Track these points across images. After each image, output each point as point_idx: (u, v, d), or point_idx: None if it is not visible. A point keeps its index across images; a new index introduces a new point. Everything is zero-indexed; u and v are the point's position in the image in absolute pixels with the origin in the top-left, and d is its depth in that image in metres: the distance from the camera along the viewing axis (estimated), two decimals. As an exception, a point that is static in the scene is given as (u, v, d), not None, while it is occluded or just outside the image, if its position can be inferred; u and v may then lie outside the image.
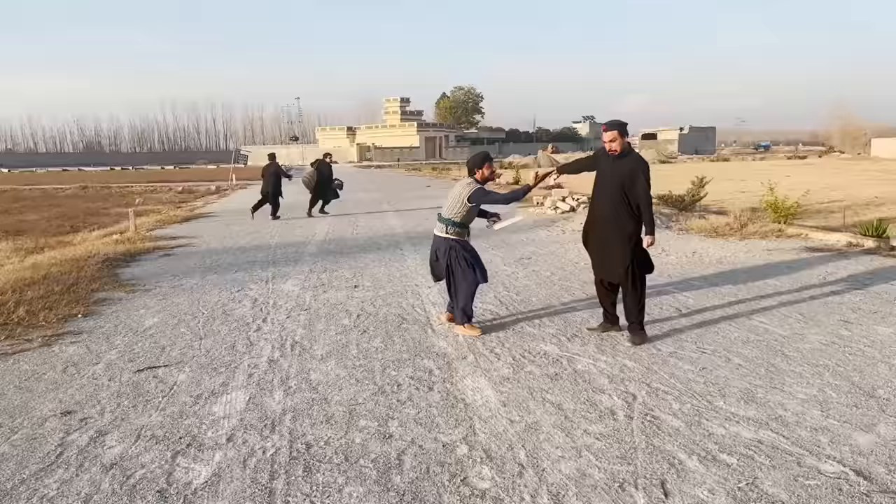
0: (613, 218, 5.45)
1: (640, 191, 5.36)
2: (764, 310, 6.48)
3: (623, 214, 5.41)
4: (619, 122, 5.48)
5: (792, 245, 10.38)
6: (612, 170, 5.51)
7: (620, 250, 5.44)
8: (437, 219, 6.13)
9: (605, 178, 5.57)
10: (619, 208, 5.42)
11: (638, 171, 5.37)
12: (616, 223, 5.44)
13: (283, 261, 10.31)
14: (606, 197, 5.52)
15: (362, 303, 7.29)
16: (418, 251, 10.85)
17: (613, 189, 5.45)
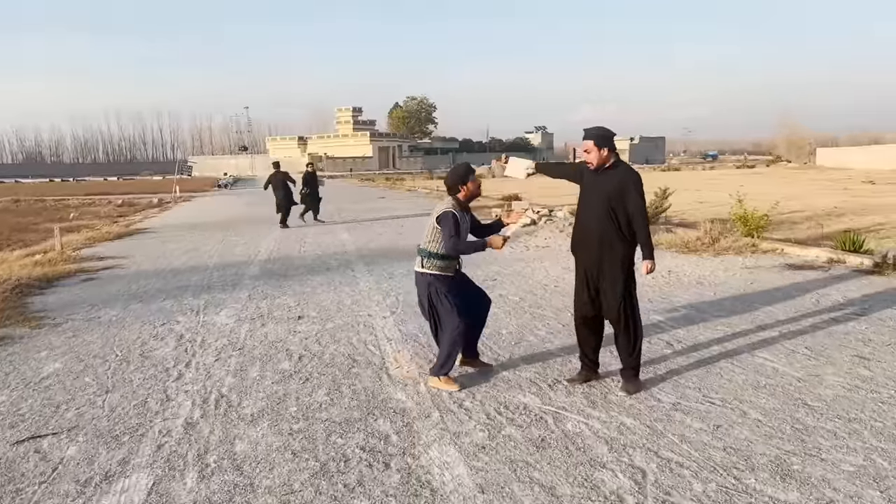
0: (600, 242, 4.59)
1: (632, 208, 4.52)
2: (764, 343, 5.72)
3: (613, 237, 4.55)
4: (596, 131, 4.62)
5: (770, 262, 9.75)
6: (595, 185, 4.66)
7: (613, 281, 4.60)
8: (417, 251, 5.14)
9: (589, 194, 4.72)
10: (606, 230, 4.56)
11: (628, 184, 4.53)
12: (605, 248, 4.58)
13: (220, 286, 9.21)
14: (591, 217, 4.66)
15: (306, 339, 6.29)
16: (372, 272, 9.87)
17: (599, 207, 4.60)
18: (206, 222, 19.85)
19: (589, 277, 4.70)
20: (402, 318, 6.94)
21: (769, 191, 25.71)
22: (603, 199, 4.58)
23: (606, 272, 4.61)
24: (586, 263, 4.71)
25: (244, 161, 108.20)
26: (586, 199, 4.76)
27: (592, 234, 4.63)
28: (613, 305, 4.60)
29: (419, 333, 6.32)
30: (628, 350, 4.66)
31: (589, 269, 4.69)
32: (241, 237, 15.39)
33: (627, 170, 4.65)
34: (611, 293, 4.60)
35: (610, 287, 4.60)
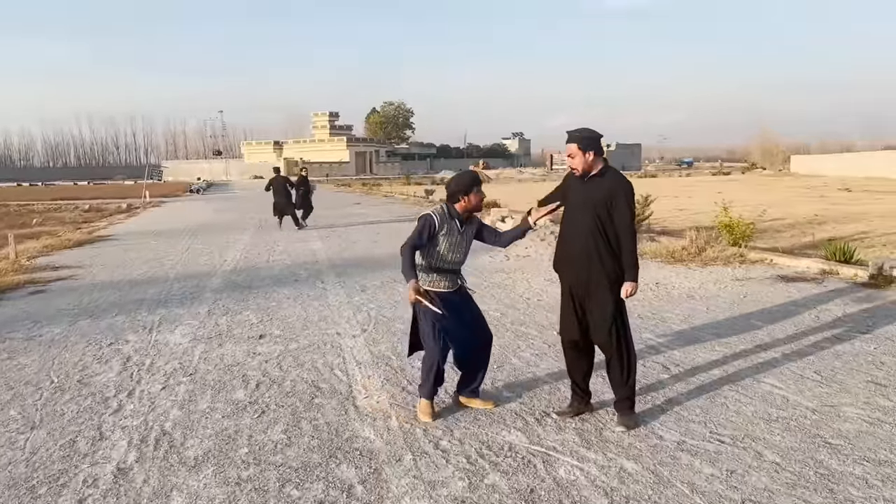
0: (587, 257, 4.06)
1: (620, 220, 4.01)
2: (768, 367, 5.23)
3: (603, 253, 4.03)
4: (580, 133, 4.10)
5: (760, 273, 9.33)
6: (581, 194, 4.15)
7: (602, 301, 4.08)
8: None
9: (574, 204, 4.21)
10: (593, 244, 4.04)
11: (617, 193, 4.02)
12: (593, 264, 4.06)
13: (179, 299, 8.56)
14: (577, 230, 4.13)
15: (266, 363, 5.69)
16: (343, 284, 9.28)
17: (585, 219, 4.08)
18: (173, 229, 19.09)
19: (575, 297, 4.18)
20: (373, 338, 6.37)
21: (748, 198, 25.52)
22: (589, 210, 4.06)
23: (594, 292, 4.09)
24: (572, 282, 4.19)
25: (218, 166, 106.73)
26: (571, 209, 4.23)
27: (578, 248, 4.11)
28: (602, 328, 4.08)
29: (392, 355, 5.75)
30: (622, 379, 4.14)
31: (575, 288, 4.17)
32: (208, 245, 14.69)
33: (617, 177, 4.13)
34: (599, 315, 4.09)
35: (598, 308, 4.08)
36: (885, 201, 23.37)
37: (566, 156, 4.16)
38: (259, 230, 18.04)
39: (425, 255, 4.43)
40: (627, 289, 4.02)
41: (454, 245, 4.42)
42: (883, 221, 16.61)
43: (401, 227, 17.32)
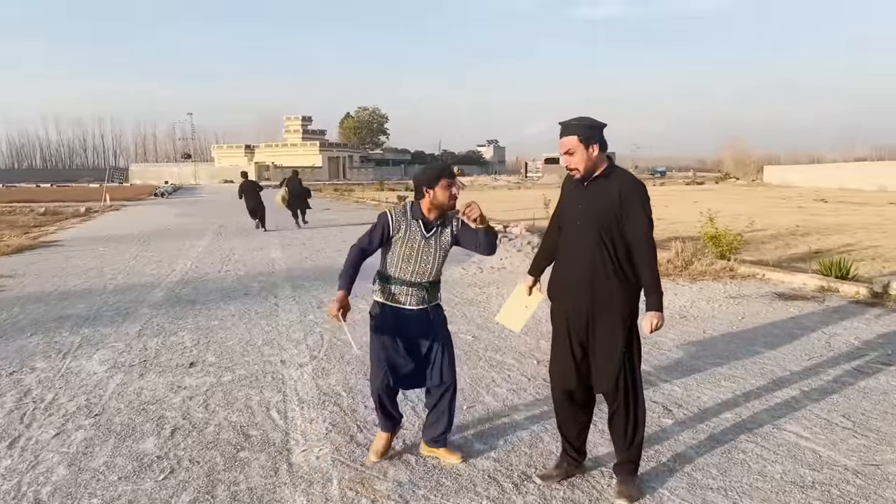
0: (590, 282, 3.20)
1: (633, 233, 3.16)
2: (787, 409, 4.42)
3: (611, 276, 3.18)
4: (580, 122, 3.26)
5: (754, 290, 8.59)
6: (581, 201, 3.29)
7: (609, 341, 3.23)
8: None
9: (572, 214, 3.34)
10: (598, 265, 3.18)
11: (630, 198, 3.17)
12: (597, 292, 3.20)
13: (110, 316, 7.56)
14: (577, 247, 3.27)
15: (190, 400, 4.74)
16: (298, 299, 8.34)
17: (587, 232, 3.22)
18: (127, 234, 17.94)
19: (573, 334, 3.31)
20: (323, 367, 5.45)
21: (724, 208, 24.94)
22: (592, 221, 3.21)
23: (599, 327, 3.23)
24: (570, 314, 3.31)
25: (187, 169, 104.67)
26: (569, 221, 3.36)
27: (578, 271, 3.25)
28: (609, 376, 3.23)
29: (342, 391, 4.84)
30: (627, 439, 3.28)
31: (574, 323, 3.30)
32: (159, 252, 13.63)
33: (626, 178, 3.25)
34: (605, 358, 3.24)
35: (604, 350, 3.23)
36: (862, 213, 22.99)
37: (563, 153, 3.25)
38: (218, 236, 16.99)
39: (382, 261, 3.67)
40: (652, 321, 3.15)
41: (416, 253, 3.57)
42: (866, 233, 16.09)
43: (369, 235, 16.36)
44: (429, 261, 3.60)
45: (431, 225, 3.62)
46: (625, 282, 3.19)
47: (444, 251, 3.65)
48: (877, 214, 21.91)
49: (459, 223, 3.64)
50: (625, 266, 3.19)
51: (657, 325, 3.16)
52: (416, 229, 3.59)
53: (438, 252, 3.63)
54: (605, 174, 3.25)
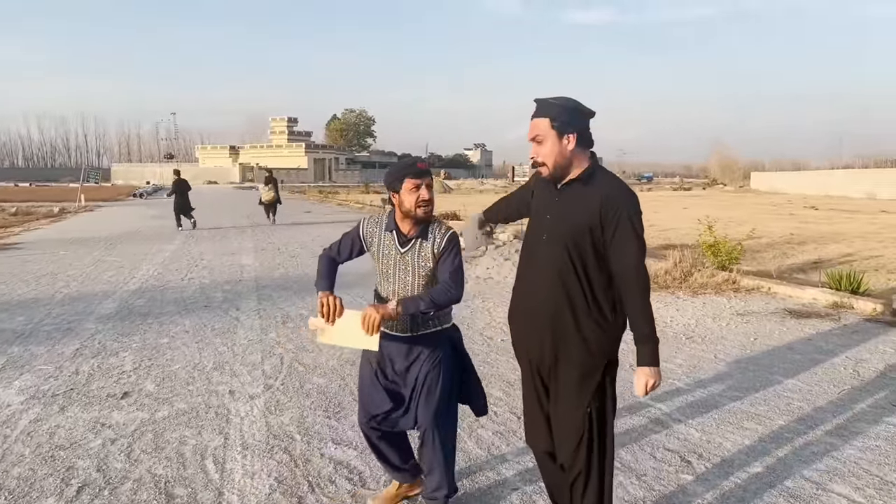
0: (554, 318, 2.46)
1: (620, 258, 2.38)
2: (829, 460, 3.69)
3: (579, 315, 2.43)
4: (555, 102, 2.44)
5: (762, 305, 7.90)
6: (550, 211, 2.52)
7: (573, 396, 2.48)
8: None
9: (540, 227, 2.57)
10: (563, 298, 2.43)
11: (614, 210, 2.38)
12: (563, 331, 2.45)
13: (48, 331, 6.72)
14: (540, 270, 2.51)
15: (112, 444, 3.93)
16: (262, 312, 7.54)
17: (553, 253, 2.46)
18: (94, 237, 17.02)
19: (536, 379, 2.60)
20: (277, 400, 4.66)
21: (714, 214, 24.41)
22: (561, 238, 2.44)
23: (562, 377, 2.49)
24: (531, 354, 2.59)
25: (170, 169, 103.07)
26: (533, 234, 2.60)
27: (540, 302, 2.49)
28: (567, 440, 2.50)
29: (297, 433, 4.06)
30: None
31: (536, 365, 2.59)
32: (123, 257, 12.76)
33: (612, 184, 2.45)
34: (565, 415, 2.50)
35: (565, 406, 2.50)
36: (856, 220, 22.51)
37: (529, 139, 2.47)
38: (189, 239, 16.12)
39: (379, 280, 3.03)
40: (647, 381, 2.38)
41: (392, 270, 2.89)
42: (864, 242, 15.54)
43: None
44: (407, 281, 2.89)
45: (407, 238, 2.88)
46: (602, 322, 2.43)
47: (424, 271, 2.88)
48: (871, 223, 21.43)
49: (444, 240, 2.88)
50: (603, 303, 2.43)
51: (653, 386, 2.39)
52: (391, 243, 2.90)
53: (417, 271, 2.88)
54: (583, 177, 2.45)
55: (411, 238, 2.88)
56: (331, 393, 4.78)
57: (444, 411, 2.91)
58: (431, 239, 2.87)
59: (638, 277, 2.36)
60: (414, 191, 2.79)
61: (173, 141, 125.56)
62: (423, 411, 2.90)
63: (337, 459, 3.67)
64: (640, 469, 3.55)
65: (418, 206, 2.80)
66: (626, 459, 3.67)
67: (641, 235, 2.38)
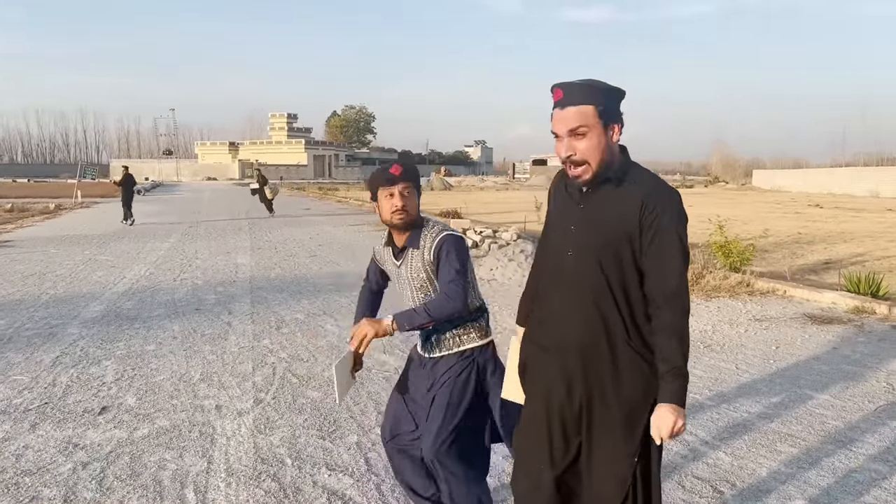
0: (588, 355, 2.01)
1: (660, 276, 1.94)
2: (875, 489, 3.33)
3: (617, 345, 2.00)
4: (593, 85, 1.95)
5: (780, 310, 7.53)
6: (578, 219, 2.04)
7: (614, 450, 2.03)
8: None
9: (563, 241, 2.09)
10: (601, 326, 1.99)
11: (663, 214, 1.93)
12: (597, 371, 2.01)
13: (29, 336, 6.36)
14: (566, 294, 2.06)
15: (83, 469, 3.56)
16: (255, 317, 7.17)
17: (584, 271, 2.01)
18: (88, 234, 16.66)
19: (555, 426, 2.10)
20: (268, 417, 4.29)
21: (718, 212, 24.08)
22: (590, 253, 1.99)
23: (598, 427, 2.04)
24: (553, 394, 2.10)
25: (169, 165, 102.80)
26: (555, 250, 2.12)
27: (568, 332, 2.04)
28: (612, 499, 2.05)
29: (287, 457, 3.69)
30: None
31: (558, 409, 2.09)
32: (115, 255, 12.39)
33: (652, 183, 2.00)
34: (603, 474, 2.04)
35: (603, 460, 2.04)
36: (863, 219, 22.14)
37: (562, 135, 1.95)
38: (185, 238, 15.76)
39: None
40: (672, 422, 1.90)
41: (399, 286, 2.70)
42: (874, 242, 15.18)
43: (347, 238, 15.23)
44: (407, 296, 2.67)
45: (400, 250, 2.63)
46: (647, 353, 1.99)
47: (419, 283, 2.56)
48: (878, 221, 21.07)
49: (434, 246, 2.55)
50: (644, 328, 2.00)
51: (679, 430, 1.92)
52: (389, 257, 2.70)
53: (412, 284, 2.58)
54: (617, 177, 1.99)
55: (403, 248, 2.63)
56: (325, 409, 4.42)
57: (448, 443, 2.55)
58: (422, 247, 2.57)
59: (680, 300, 1.93)
60: (388, 199, 2.54)
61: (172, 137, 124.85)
62: (424, 440, 2.57)
63: (331, 489, 3.31)
64: (668, 500, 3.19)
65: (392, 214, 2.54)
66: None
67: (686, 247, 1.97)
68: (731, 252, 10.19)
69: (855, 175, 48.37)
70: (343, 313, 7.32)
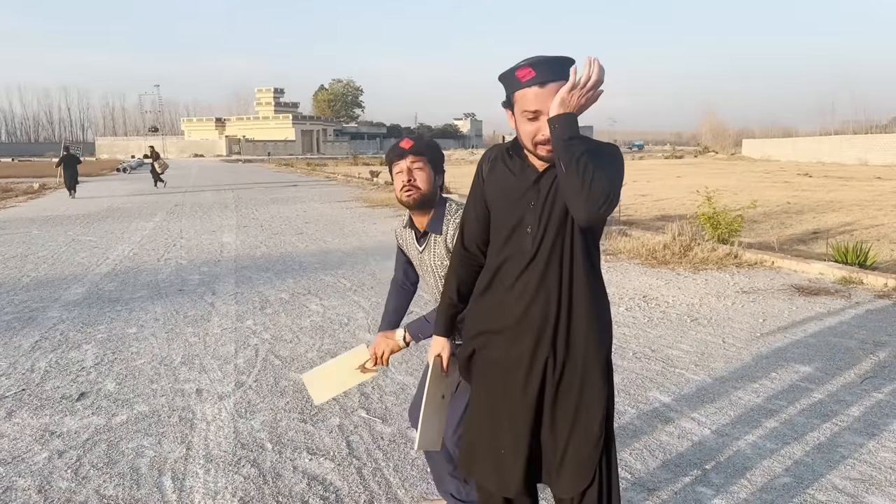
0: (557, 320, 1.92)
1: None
2: (862, 465, 3.29)
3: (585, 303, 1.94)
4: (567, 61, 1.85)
5: (767, 281, 7.51)
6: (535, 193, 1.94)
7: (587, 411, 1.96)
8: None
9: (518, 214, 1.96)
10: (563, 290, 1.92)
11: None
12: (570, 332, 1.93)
13: (7, 320, 6.26)
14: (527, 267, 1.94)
15: (59, 458, 3.49)
16: (239, 296, 7.09)
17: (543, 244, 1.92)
18: (72, 214, 16.46)
19: (519, 407, 2.00)
20: (249, 401, 4.23)
21: (707, 182, 23.98)
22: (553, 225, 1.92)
23: (566, 391, 1.96)
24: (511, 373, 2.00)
25: (155, 143, 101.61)
26: (505, 224, 1.99)
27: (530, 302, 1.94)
28: (585, 468, 1.96)
29: (268, 442, 3.63)
30: None
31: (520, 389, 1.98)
32: (99, 236, 12.24)
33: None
34: (580, 440, 1.96)
35: (579, 426, 1.96)
36: (851, 188, 22.18)
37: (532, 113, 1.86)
38: (170, 216, 15.59)
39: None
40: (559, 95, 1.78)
41: (422, 272, 2.56)
42: (862, 211, 15.21)
43: (334, 215, 15.10)
44: (431, 284, 2.54)
45: (422, 234, 2.48)
46: (603, 299, 2.00)
47: (442, 272, 2.43)
48: (867, 189, 21.10)
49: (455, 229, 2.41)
50: (600, 276, 1.99)
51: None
52: (411, 241, 2.54)
53: (435, 273, 2.47)
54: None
55: (425, 233, 2.47)
56: (307, 391, 4.35)
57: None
58: (444, 232, 2.41)
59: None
60: (398, 175, 2.39)
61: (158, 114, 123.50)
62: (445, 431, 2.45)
63: (311, 474, 3.25)
64: (652, 482, 3.16)
65: (401, 191, 2.39)
66: (636, 469, 3.28)
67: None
68: (720, 223, 10.15)
69: (844, 143, 48.39)
70: (328, 292, 7.24)
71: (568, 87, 1.77)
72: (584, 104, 1.80)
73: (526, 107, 1.87)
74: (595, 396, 1.95)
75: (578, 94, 1.77)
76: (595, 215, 1.74)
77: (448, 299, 2.20)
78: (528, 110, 1.87)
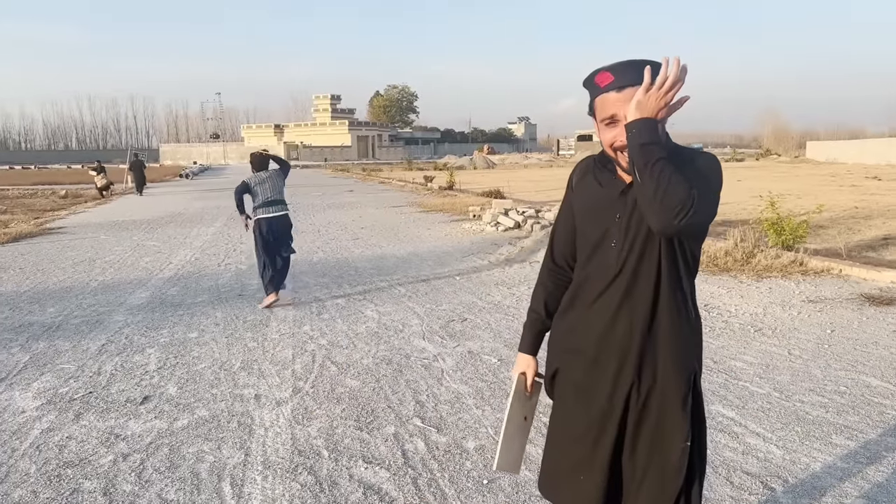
0: (643, 340, 1.84)
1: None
2: (940, 486, 3.14)
3: (673, 323, 1.84)
4: (636, 64, 1.77)
5: (835, 290, 7.21)
6: (622, 207, 1.86)
7: (669, 434, 1.87)
8: None
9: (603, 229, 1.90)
10: (646, 310, 1.84)
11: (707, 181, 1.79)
12: (654, 354, 1.84)
13: (76, 324, 6.49)
14: (611, 285, 1.88)
15: (123, 460, 3.57)
16: (297, 303, 7.18)
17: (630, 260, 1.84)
18: (137, 220, 17.01)
19: (599, 430, 1.93)
20: (306, 407, 4.27)
21: (770, 186, 23.27)
22: (640, 240, 1.83)
23: (651, 414, 1.88)
24: (592, 395, 1.94)
25: (216, 149, 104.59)
26: (593, 240, 1.93)
27: (614, 322, 1.87)
28: (666, 493, 1.89)
29: (324, 449, 3.66)
30: None
31: (602, 411, 1.92)
32: (163, 241, 12.62)
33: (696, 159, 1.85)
34: (661, 465, 1.89)
35: (658, 450, 1.89)
36: (926, 191, 21.17)
37: (619, 116, 1.79)
38: (231, 221, 15.95)
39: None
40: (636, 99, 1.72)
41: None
42: (939, 216, 14.46)
43: (389, 220, 15.22)
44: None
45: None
46: (695, 322, 1.91)
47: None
48: (943, 194, 20.11)
49: None
50: (689, 296, 1.88)
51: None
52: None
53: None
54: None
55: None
56: (364, 398, 4.38)
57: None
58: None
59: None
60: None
61: (219, 121, 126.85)
62: None
63: (367, 483, 3.26)
64: (716, 497, 3.05)
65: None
66: None
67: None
68: (784, 229, 9.81)
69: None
70: (383, 298, 7.29)
71: (643, 89, 1.71)
72: (664, 107, 1.73)
73: (604, 112, 1.84)
74: (675, 425, 1.87)
75: (655, 97, 1.70)
76: (671, 225, 1.66)
77: (535, 314, 2.15)
78: (605, 116, 1.83)
